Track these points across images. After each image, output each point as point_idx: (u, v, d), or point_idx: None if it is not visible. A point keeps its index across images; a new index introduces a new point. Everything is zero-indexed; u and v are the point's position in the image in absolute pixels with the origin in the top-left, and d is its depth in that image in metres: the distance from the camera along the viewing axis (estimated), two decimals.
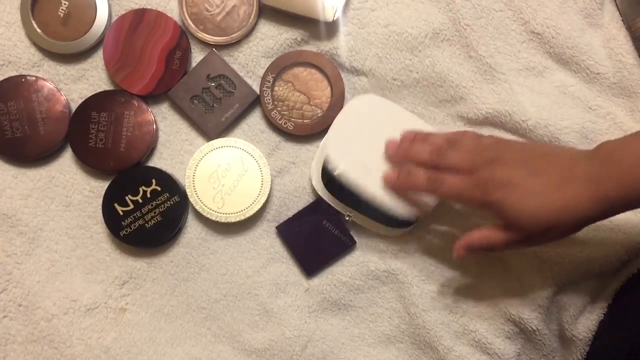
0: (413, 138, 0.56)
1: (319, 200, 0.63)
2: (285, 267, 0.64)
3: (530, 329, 0.61)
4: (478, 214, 0.62)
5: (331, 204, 0.63)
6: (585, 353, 0.60)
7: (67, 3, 0.63)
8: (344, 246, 0.63)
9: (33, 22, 0.63)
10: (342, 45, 0.63)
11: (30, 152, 0.62)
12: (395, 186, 0.56)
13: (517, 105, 0.62)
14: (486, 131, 0.64)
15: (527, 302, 0.61)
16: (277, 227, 0.63)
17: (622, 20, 0.63)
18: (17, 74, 0.63)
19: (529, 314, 0.61)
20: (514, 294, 0.61)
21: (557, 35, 0.62)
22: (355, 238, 0.63)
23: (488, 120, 0.63)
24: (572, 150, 0.50)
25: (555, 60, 0.63)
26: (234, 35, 0.63)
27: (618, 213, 0.47)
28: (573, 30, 0.62)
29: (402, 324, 0.64)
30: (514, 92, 0.63)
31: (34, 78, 0.63)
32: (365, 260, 0.63)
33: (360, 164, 0.58)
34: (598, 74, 0.62)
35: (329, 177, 0.60)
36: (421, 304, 0.62)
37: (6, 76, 0.63)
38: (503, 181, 0.49)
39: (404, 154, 0.56)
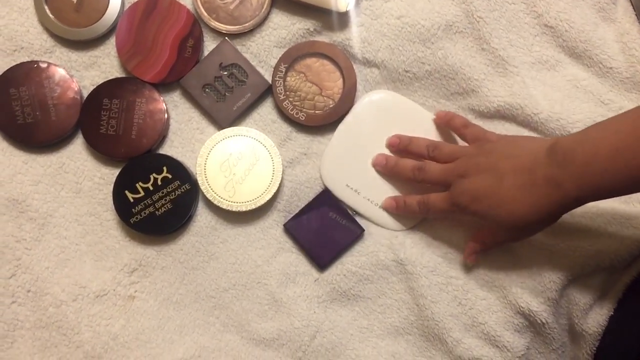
0: (397, 145, 0.63)
1: (323, 192, 0.63)
2: (295, 257, 0.64)
3: (539, 322, 0.61)
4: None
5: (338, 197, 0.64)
6: (594, 348, 0.60)
7: None
8: (353, 235, 0.63)
9: (46, 8, 0.63)
10: (355, 37, 0.63)
11: (41, 138, 0.62)
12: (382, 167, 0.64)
13: (529, 98, 0.62)
14: (497, 124, 0.64)
15: (537, 295, 0.61)
16: (285, 225, 0.63)
17: (636, 15, 0.63)
18: (30, 60, 0.63)
19: (538, 307, 0.61)
20: (524, 287, 0.61)
21: (570, 29, 0.63)
22: (364, 226, 0.63)
23: (499, 114, 0.64)
24: (533, 146, 0.53)
25: (568, 54, 0.64)
26: (246, 24, 0.63)
27: (587, 202, 0.50)
28: (586, 24, 0.63)
29: (410, 316, 0.64)
30: (526, 86, 0.63)
31: (46, 64, 0.63)
32: (375, 250, 0.63)
33: (354, 179, 0.64)
34: (611, 68, 0.62)
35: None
36: (430, 295, 0.62)
37: (18, 62, 0.63)
38: (474, 195, 0.54)
39: (390, 172, 0.63)
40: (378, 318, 0.64)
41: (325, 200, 0.63)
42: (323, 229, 0.63)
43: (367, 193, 0.64)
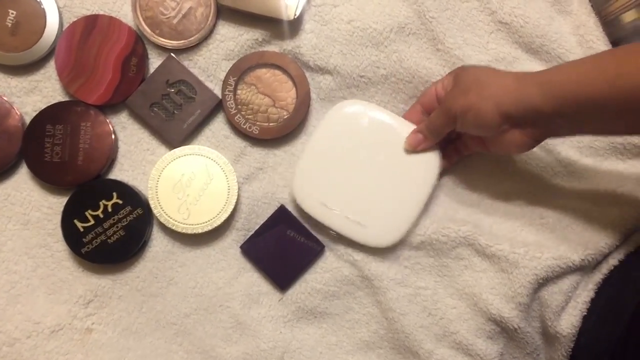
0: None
1: (278, 210, 0.62)
2: (257, 277, 0.63)
3: (511, 327, 0.60)
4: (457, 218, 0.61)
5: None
6: (570, 349, 0.59)
7: (14, 12, 0.61)
8: (313, 252, 0.62)
9: None
10: (305, 44, 0.62)
11: None
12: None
13: None
14: None
15: (508, 301, 0.60)
16: (241, 247, 0.62)
17: (591, 6, 0.62)
18: None
19: (509, 312, 0.60)
20: (494, 293, 0.60)
21: (525, 24, 0.61)
22: (324, 243, 0.62)
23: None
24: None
25: (524, 49, 0.63)
26: (192, 38, 0.61)
27: (539, 127, 0.50)
28: (542, 18, 0.61)
29: (380, 329, 0.62)
30: None
31: None
32: (338, 265, 0.62)
33: (331, 196, 0.60)
34: None
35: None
36: (398, 308, 0.61)
37: None
38: (462, 89, 0.53)
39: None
40: (347, 334, 0.63)
41: (282, 218, 0.62)
42: (281, 249, 0.61)
43: (346, 210, 0.60)
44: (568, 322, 0.59)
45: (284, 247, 0.62)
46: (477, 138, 0.57)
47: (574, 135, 0.58)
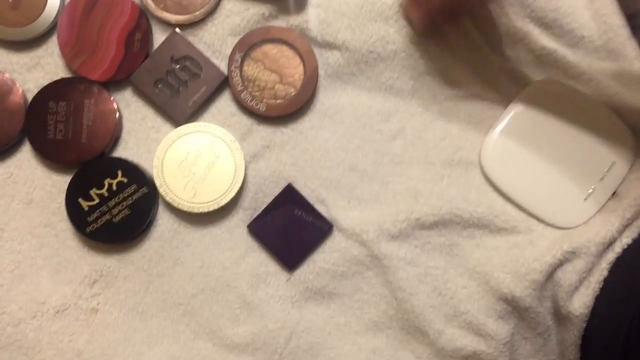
0: None
1: (286, 188, 0.61)
2: (265, 256, 0.62)
3: (523, 306, 0.60)
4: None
5: None
6: (582, 330, 0.59)
7: None
8: (321, 232, 0.61)
9: None
10: (312, 19, 0.61)
11: None
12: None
13: None
14: (474, 102, 0.62)
15: (520, 279, 0.59)
16: (249, 226, 0.61)
17: None
18: None
19: (521, 291, 0.59)
20: (506, 271, 0.60)
21: None
22: (333, 223, 0.61)
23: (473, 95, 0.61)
24: None
25: (537, 24, 0.61)
26: (197, 12, 0.60)
27: None
28: None
29: (389, 310, 0.62)
30: None
31: None
32: (347, 245, 0.61)
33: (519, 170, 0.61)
34: (582, 37, 0.60)
35: None
36: (408, 287, 0.60)
37: None
38: None
39: None
40: (355, 314, 0.62)
41: (289, 197, 0.61)
42: (289, 228, 0.61)
43: (535, 187, 0.61)
44: (581, 302, 0.59)
45: (292, 226, 0.61)
46: None
47: None
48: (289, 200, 0.61)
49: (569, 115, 0.61)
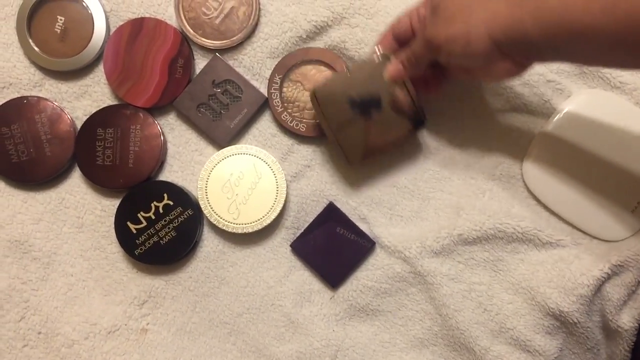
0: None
1: (328, 207, 0.62)
2: (308, 275, 0.63)
3: (571, 321, 0.59)
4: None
5: None
6: (632, 344, 0.58)
7: (63, 18, 0.62)
8: (364, 249, 0.62)
9: (30, 41, 0.62)
10: (350, 39, 0.62)
11: (38, 175, 0.62)
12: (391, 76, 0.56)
13: (537, 86, 0.60)
14: (511, 115, 0.62)
15: (567, 294, 0.59)
16: (292, 245, 0.62)
17: None
18: (19, 96, 0.63)
19: (569, 306, 0.58)
20: (552, 286, 0.59)
21: None
22: (375, 240, 0.62)
23: (510, 105, 0.61)
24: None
25: None
26: (234, 38, 0.62)
27: (538, 50, 0.47)
28: None
29: (434, 326, 0.62)
30: (534, 72, 0.60)
31: (36, 98, 0.62)
32: (389, 262, 0.62)
33: (560, 181, 0.61)
34: None
35: None
36: (453, 304, 0.60)
37: (8, 99, 0.63)
38: (449, 39, 0.49)
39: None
40: (400, 331, 0.63)
41: (331, 215, 0.62)
42: (331, 246, 0.61)
43: (577, 199, 0.61)
44: (630, 315, 0.58)
45: (334, 244, 0.62)
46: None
47: (564, 62, 0.52)
48: (331, 218, 0.62)
49: (612, 126, 0.60)
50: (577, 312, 0.58)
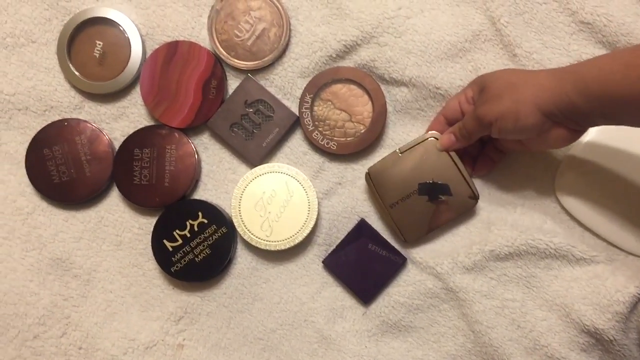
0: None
1: (359, 223, 0.63)
2: (340, 291, 0.64)
3: (607, 339, 0.58)
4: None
5: None
6: None
7: (101, 43, 0.65)
8: (396, 265, 0.62)
9: (70, 65, 0.65)
10: (380, 57, 0.63)
11: (78, 195, 0.64)
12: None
13: None
14: None
15: (603, 311, 0.58)
16: (324, 261, 0.63)
17: None
18: (60, 118, 0.65)
19: (604, 324, 0.58)
20: (587, 303, 0.59)
21: (609, 23, 0.60)
22: (407, 256, 0.62)
23: None
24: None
25: (609, 49, 0.61)
26: (266, 58, 0.63)
27: (579, 121, 0.49)
28: (626, 15, 0.60)
29: (467, 343, 0.62)
30: None
31: (76, 120, 0.65)
32: (422, 278, 0.62)
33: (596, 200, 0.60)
34: None
35: None
36: (485, 320, 0.60)
37: (49, 121, 0.65)
38: (499, 116, 0.52)
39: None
40: (433, 347, 0.63)
41: (363, 231, 0.63)
42: (363, 262, 0.62)
43: (615, 216, 0.61)
44: None
45: (366, 260, 0.62)
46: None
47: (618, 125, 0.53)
48: (363, 234, 0.63)
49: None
50: (613, 330, 0.58)
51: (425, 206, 0.60)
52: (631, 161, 0.60)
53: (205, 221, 0.63)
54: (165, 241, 0.63)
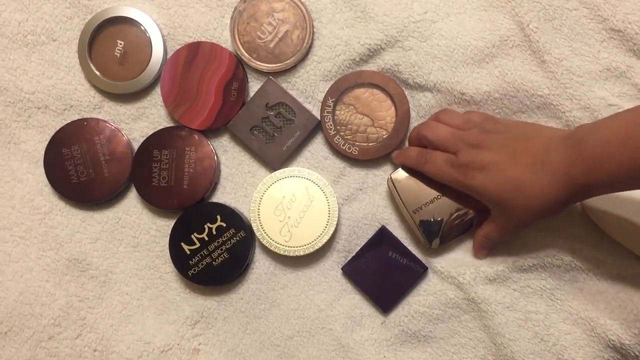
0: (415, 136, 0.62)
1: (380, 230, 0.62)
2: (359, 298, 0.63)
3: (633, 355, 0.57)
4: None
5: None
6: None
7: (122, 43, 0.64)
8: (416, 274, 0.61)
9: (91, 64, 0.64)
10: (404, 62, 0.62)
11: (96, 195, 0.64)
12: (394, 159, 0.62)
13: (601, 109, 0.59)
14: None
15: (629, 326, 0.57)
16: (343, 268, 0.63)
17: None
18: (79, 118, 0.65)
19: (631, 339, 0.57)
20: (613, 317, 0.57)
21: None
22: (428, 265, 0.61)
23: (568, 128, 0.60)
24: (551, 132, 0.54)
25: None
26: (288, 61, 0.63)
27: (593, 196, 0.51)
28: None
29: (488, 355, 0.61)
30: (595, 96, 0.59)
31: (95, 121, 0.64)
32: (443, 288, 0.61)
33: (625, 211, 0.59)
34: None
35: None
36: (508, 333, 0.59)
37: (68, 121, 0.65)
38: (483, 166, 0.54)
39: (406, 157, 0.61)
40: (453, 359, 0.62)
41: (383, 239, 0.62)
42: (383, 270, 0.61)
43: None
44: None
45: (386, 268, 0.61)
46: None
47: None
48: (383, 242, 0.62)
49: None
50: (639, 345, 0.57)
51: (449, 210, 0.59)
52: None
53: (224, 225, 0.62)
54: (182, 244, 0.62)
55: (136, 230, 0.65)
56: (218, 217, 0.62)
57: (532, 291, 0.60)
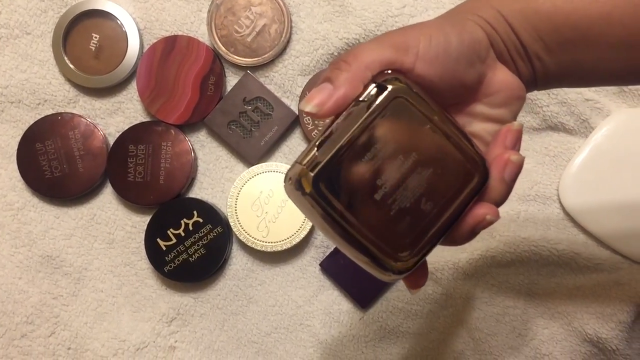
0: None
1: None
2: (337, 294, 0.63)
3: (610, 348, 0.58)
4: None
5: None
6: None
7: (98, 36, 0.64)
8: None
9: (66, 58, 0.64)
10: None
11: (70, 191, 0.63)
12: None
13: (575, 105, 0.59)
14: (547, 134, 0.61)
15: (606, 320, 0.57)
16: (321, 264, 0.62)
17: None
18: (54, 112, 0.64)
19: (608, 333, 0.57)
20: (590, 311, 0.58)
21: None
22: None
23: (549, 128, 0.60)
24: None
25: None
26: (266, 55, 0.62)
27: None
28: None
29: (466, 350, 0.61)
30: (572, 90, 0.59)
31: (70, 115, 0.64)
32: None
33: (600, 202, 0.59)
34: None
35: None
36: (486, 328, 0.60)
37: (43, 115, 0.64)
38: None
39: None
40: (431, 355, 0.62)
41: None
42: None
43: (618, 221, 0.59)
44: None
45: None
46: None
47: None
48: None
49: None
50: (617, 339, 0.57)
51: None
52: (637, 168, 0.59)
53: (201, 220, 0.62)
54: (158, 240, 0.62)
55: (111, 226, 0.64)
56: (195, 212, 0.62)
57: (510, 286, 0.60)
